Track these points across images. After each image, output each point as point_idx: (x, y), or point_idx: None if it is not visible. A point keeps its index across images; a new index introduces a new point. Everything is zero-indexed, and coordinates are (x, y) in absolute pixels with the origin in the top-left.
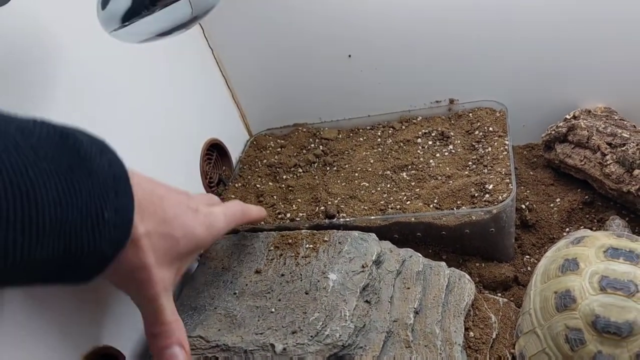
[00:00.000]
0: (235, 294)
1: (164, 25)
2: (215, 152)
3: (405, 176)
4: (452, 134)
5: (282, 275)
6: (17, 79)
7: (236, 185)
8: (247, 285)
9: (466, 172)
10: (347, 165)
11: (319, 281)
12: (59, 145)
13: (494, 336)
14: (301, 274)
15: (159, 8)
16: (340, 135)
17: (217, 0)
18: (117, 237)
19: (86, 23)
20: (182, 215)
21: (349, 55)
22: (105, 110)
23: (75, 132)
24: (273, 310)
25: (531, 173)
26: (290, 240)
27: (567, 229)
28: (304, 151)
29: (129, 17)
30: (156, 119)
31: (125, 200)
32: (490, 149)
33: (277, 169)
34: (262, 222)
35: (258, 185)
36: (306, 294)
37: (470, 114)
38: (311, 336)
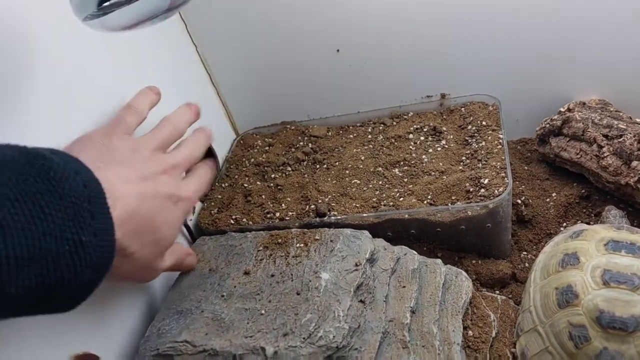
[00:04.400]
0: (223, 296)
1: (141, 13)
2: None
3: (397, 172)
4: (444, 129)
5: (272, 275)
6: None
7: (223, 185)
8: (235, 287)
9: (460, 167)
10: (337, 163)
11: (310, 281)
12: (24, 168)
13: (493, 335)
14: (292, 274)
15: None
16: (330, 133)
17: None
18: (100, 259)
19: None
20: (166, 220)
21: (337, 50)
22: (85, 108)
23: (46, 152)
24: (263, 312)
25: (526, 168)
26: (280, 240)
27: (564, 224)
28: (293, 149)
29: (103, 2)
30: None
31: (104, 221)
32: (484, 143)
33: (266, 168)
34: (250, 222)
35: (246, 185)
36: (297, 294)
37: (463, 109)
38: (303, 338)
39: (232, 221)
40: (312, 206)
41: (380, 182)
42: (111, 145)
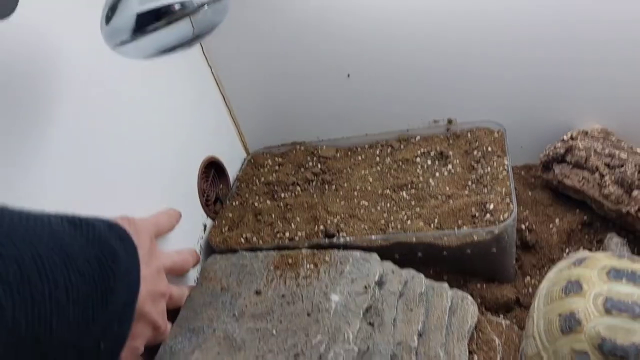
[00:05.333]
0: (234, 315)
1: (167, 42)
2: (212, 170)
3: (405, 195)
4: (450, 153)
5: (283, 296)
6: (19, 90)
7: (233, 203)
8: (246, 306)
9: (466, 192)
10: (345, 184)
11: (320, 302)
12: (94, 277)
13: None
14: (302, 295)
15: (162, 25)
16: (339, 154)
17: (219, 20)
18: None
19: (87, 38)
20: (141, 335)
21: (348, 75)
22: (103, 127)
23: (117, 242)
24: (274, 332)
25: (530, 194)
26: (290, 260)
27: (567, 250)
28: (302, 169)
29: (133, 33)
30: (155, 136)
31: (125, 327)
32: (489, 169)
33: (275, 187)
34: (260, 241)
35: (256, 204)
36: (308, 315)
37: (469, 134)
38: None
39: (242, 240)
40: (321, 226)
41: (388, 205)
42: (143, 240)
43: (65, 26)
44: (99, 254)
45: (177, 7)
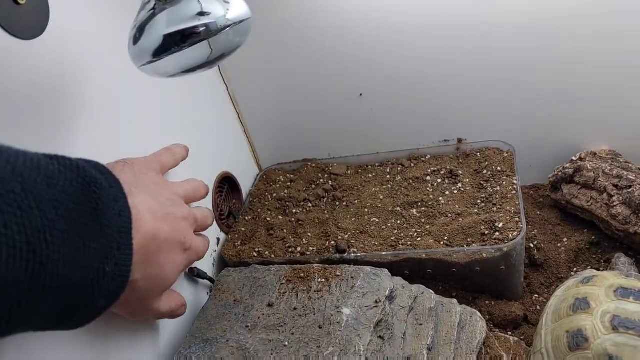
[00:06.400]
0: (247, 326)
1: (190, 62)
2: (226, 185)
3: (415, 213)
4: (460, 172)
5: (295, 308)
6: (46, 105)
7: (246, 218)
8: (259, 318)
9: (476, 210)
10: (356, 201)
11: (332, 315)
12: (79, 196)
13: None
14: (314, 308)
15: (187, 46)
16: (350, 171)
17: (241, 41)
18: (114, 289)
19: (110, 56)
20: (172, 261)
21: (360, 94)
22: (124, 140)
23: (98, 175)
24: (286, 344)
25: (538, 213)
26: (302, 274)
27: (575, 269)
28: (313, 186)
29: (159, 53)
30: None
31: (126, 252)
32: (499, 188)
33: (287, 203)
34: (273, 255)
35: (268, 219)
36: (320, 328)
37: (478, 154)
38: None
39: (255, 254)
40: (332, 242)
41: (399, 222)
42: (147, 176)
43: (92, 45)
44: (79, 178)
45: (201, 29)
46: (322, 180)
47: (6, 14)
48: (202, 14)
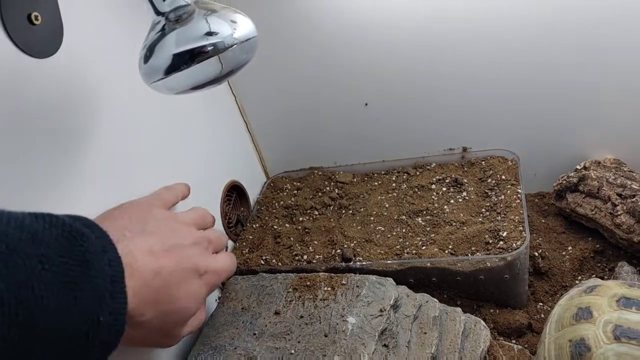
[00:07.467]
0: (254, 334)
1: (199, 79)
2: (234, 193)
3: (420, 221)
4: (465, 181)
5: (301, 317)
6: (60, 120)
7: (254, 226)
8: (266, 326)
9: (480, 219)
10: (362, 209)
11: (337, 324)
12: (65, 250)
13: None
14: (320, 317)
15: (196, 63)
16: (355, 179)
17: (248, 58)
18: (110, 338)
19: (121, 74)
20: (187, 291)
21: (366, 104)
22: (135, 151)
23: (84, 228)
24: (293, 351)
25: (543, 221)
26: (308, 283)
27: (579, 277)
28: (320, 194)
29: (169, 71)
30: (181, 160)
31: (120, 300)
32: (503, 196)
33: (294, 211)
34: (280, 263)
35: (275, 227)
36: (325, 336)
37: (483, 162)
38: None
39: (262, 261)
40: (338, 250)
41: (404, 230)
42: (147, 213)
43: (104, 64)
44: (65, 233)
45: (209, 48)
46: (328, 188)
47: (22, 33)
48: (210, 33)
